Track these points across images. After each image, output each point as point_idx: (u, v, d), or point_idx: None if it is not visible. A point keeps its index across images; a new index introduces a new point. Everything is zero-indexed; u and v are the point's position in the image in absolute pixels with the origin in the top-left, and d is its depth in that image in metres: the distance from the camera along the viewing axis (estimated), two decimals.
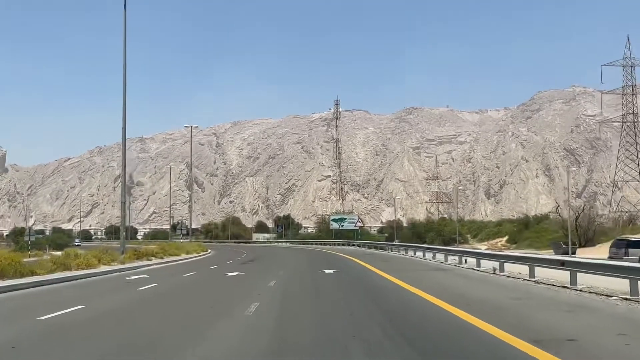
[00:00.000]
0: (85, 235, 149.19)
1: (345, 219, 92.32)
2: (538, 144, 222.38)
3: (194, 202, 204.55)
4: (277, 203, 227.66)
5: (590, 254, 38.11)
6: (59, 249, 44.31)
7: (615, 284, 13.42)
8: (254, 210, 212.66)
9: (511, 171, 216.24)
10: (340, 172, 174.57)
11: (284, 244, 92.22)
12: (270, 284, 16.81)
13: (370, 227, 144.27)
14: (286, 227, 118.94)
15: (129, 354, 7.11)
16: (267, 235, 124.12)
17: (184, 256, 39.84)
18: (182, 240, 64.24)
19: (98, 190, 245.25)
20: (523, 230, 71.64)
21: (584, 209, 57.37)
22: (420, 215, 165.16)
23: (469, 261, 25.77)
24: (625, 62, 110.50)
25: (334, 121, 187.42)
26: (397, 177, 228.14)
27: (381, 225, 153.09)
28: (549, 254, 36.33)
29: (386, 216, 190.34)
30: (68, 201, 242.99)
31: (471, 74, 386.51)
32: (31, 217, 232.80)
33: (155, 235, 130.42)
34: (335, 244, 71.72)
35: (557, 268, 15.69)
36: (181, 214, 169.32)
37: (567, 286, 14.44)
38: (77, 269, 22.85)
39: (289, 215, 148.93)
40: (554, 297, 12.93)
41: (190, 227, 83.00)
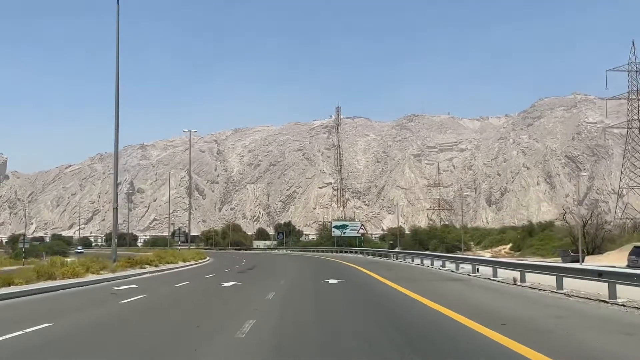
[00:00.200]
0: (85, 242, 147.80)
1: (347, 225, 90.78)
2: (539, 151, 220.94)
3: (194, 209, 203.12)
4: (278, 210, 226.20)
5: (599, 262, 36.52)
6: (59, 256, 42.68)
7: None
8: (255, 218, 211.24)
9: (512, 178, 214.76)
10: (341, 179, 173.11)
11: (284, 252, 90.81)
12: (268, 296, 15.15)
13: (372, 234, 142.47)
14: (287, 234, 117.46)
15: None
16: (268, 243, 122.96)
17: (181, 264, 38.75)
18: (181, 248, 62.62)
19: (99, 197, 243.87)
20: (527, 237, 70.27)
21: (591, 216, 55.80)
22: (421, 222, 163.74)
23: (481, 270, 24.08)
24: (630, 68, 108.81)
25: (335, 128, 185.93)
26: (398, 184, 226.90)
27: (382, 232, 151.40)
28: (556, 262, 34.74)
29: (387, 223, 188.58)
30: (69, 208, 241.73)
31: (472, 81, 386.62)
32: (32, 224, 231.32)
33: (155, 243, 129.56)
34: (337, 251, 70.27)
35: (593, 279, 13.96)
36: (182, 221, 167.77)
37: (606, 300, 12.79)
38: (62, 278, 21.79)
39: (289, 222, 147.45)
40: (599, 314, 11.18)
41: (189, 234, 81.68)
